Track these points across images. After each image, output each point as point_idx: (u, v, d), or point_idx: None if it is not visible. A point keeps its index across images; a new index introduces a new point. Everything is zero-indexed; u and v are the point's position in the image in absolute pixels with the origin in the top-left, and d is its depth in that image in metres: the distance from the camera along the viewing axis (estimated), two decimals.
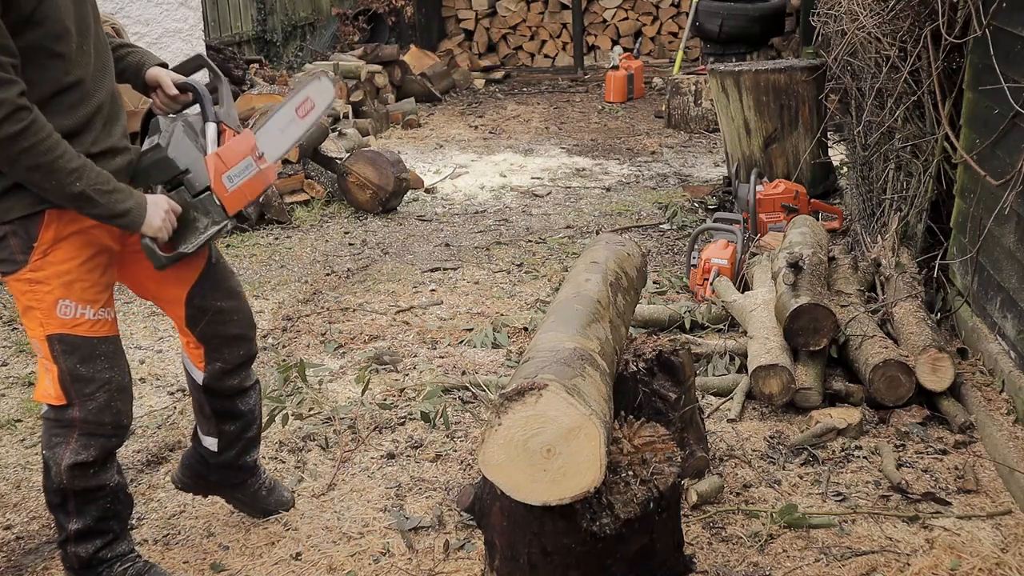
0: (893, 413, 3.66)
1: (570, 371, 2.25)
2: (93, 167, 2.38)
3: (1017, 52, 3.70)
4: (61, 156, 2.31)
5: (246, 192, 2.68)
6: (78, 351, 2.54)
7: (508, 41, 12.37)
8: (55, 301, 2.49)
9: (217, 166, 2.59)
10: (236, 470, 3.10)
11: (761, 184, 5.80)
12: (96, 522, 2.71)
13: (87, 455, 2.60)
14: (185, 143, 2.59)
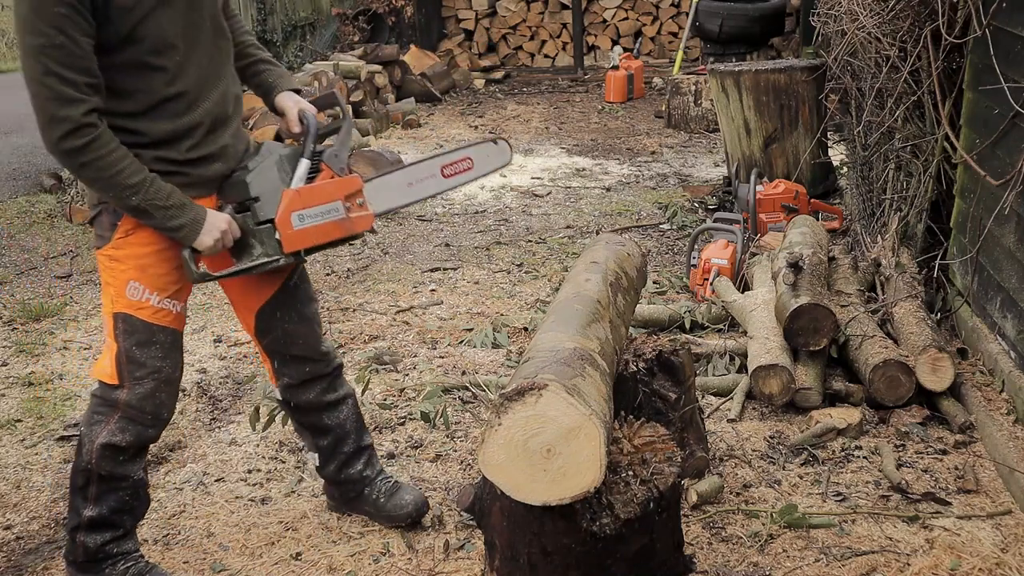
0: (893, 413, 3.66)
1: (570, 371, 2.25)
2: (153, 183, 2.44)
3: (1017, 52, 3.70)
4: (120, 172, 2.40)
5: (315, 234, 2.62)
6: (136, 333, 2.61)
7: (508, 41, 12.37)
8: (127, 281, 2.58)
9: (291, 202, 2.58)
10: (343, 484, 3.11)
11: (761, 184, 5.79)
12: (111, 513, 2.75)
13: (121, 439, 2.66)
14: (269, 172, 2.59)
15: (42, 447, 3.79)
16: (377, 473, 3.15)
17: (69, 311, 5.18)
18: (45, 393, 4.24)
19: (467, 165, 2.86)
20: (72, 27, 2.28)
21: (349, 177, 2.66)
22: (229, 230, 2.57)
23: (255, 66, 2.82)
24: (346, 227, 2.65)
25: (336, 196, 2.62)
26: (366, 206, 2.69)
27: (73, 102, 2.32)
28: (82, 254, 6.08)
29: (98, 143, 2.36)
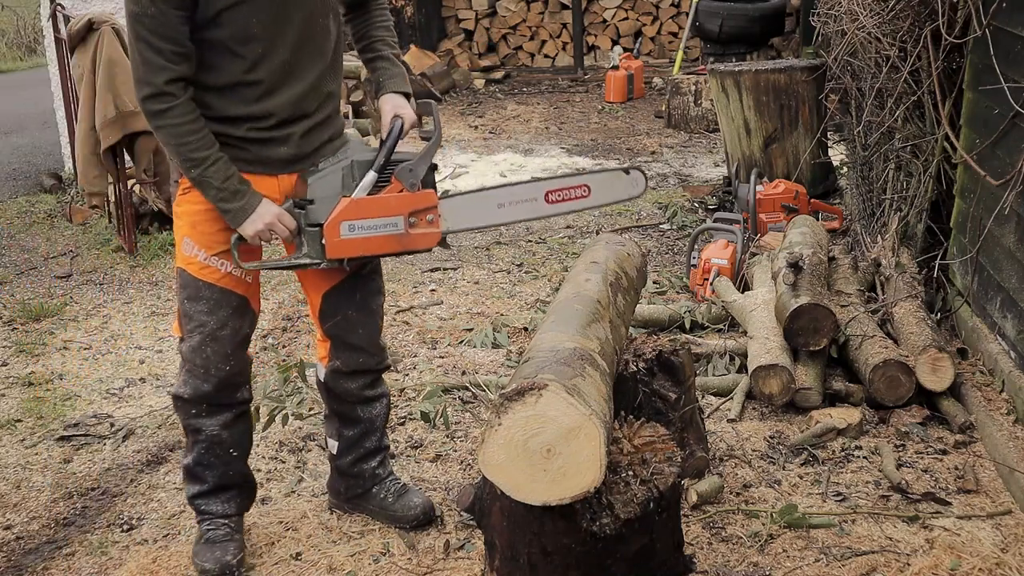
0: (893, 413, 3.66)
1: (570, 371, 2.25)
2: (215, 163, 2.55)
3: (1017, 52, 3.70)
4: (187, 144, 2.53)
5: (362, 246, 2.60)
6: (187, 288, 2.75)
7: (508, 41, 12.36)
8: (183, 237, 2.73)
9: (344, 210, 2.57)
10: (354, 477, 3.13)
11: (761, 184, 5.79)
12: (194, 464, 2.91)
13: (184, 391, 2.82)
14: (332, 177, 2.59)
15: (42, 447, 3.79)
16: (388, 474, 3.17)
17: (69, 311, 5.18)
18: (45, 393, 4.24)
19: (580, 193, 2.65)
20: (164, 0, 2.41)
21: (420, 192, 2.59)
22: (278, 223, 2.63)
23: (373, 62, 2.85)
24: (403, 242, 2.61)
25: (398, 211, 2.57)
26: (436, 222, 2.61)
27: (158, 69, 2.46)
28: (82, 254, 6.09)
29: (173, 111, 2.50)
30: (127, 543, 3.15)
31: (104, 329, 4.95)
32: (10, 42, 15.74)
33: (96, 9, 6.48)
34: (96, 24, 5.72)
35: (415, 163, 2.59)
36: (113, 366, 4.51)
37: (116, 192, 5.96)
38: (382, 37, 2.85)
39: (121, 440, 3.80)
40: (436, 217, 2.61)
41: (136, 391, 4.26)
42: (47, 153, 8.68)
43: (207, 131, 2.56)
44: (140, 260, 5.87)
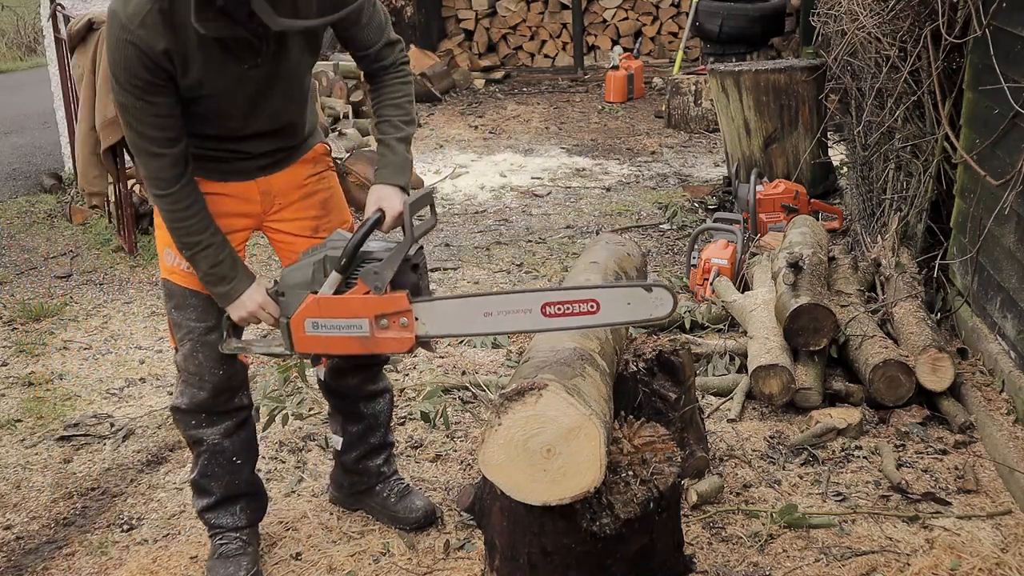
0: (893, 413, 3.66)
1: (570, 371, 2.25)
2: (205, 248, 2.57)
3: (1017, 52, 3.70)
4: (180, 229, 2.56)
5: (327, 344, 2.55)
6: (174, 297, 2.75)
7: (508, 41, 12.36)
8: (164, 248, 2.71)
9: (306, 308, 2.53)
10: (359, 474, 3.13)
11: (761, 184, 5.79)
12: (200, 477, 2.90)
13: (181, 401, 2.82)
14: (303, 271, 2.55)
15: (42, 447, 3.79)
16: (392, 472, 3.17)
17: (69, 311, 5.18)
18: (45, 393, 4.24)
19: (586, 309, 2.33)
20: (150, 92, 2.40)
21: (387, 296, 2.45)
22: (261, 312, 2.65)
23: (378, 146, 2.76)
24: (367, 346, 2.51)
25: (362, 313, 2.47)
26: (411, 326, 2.46)
27: (152, 156, 2.48)
28: (82, 254, 6.08)
29: (169, 198, 2.53)
30: (127, 543, 3.15)
31: (104, 329, 4.95)
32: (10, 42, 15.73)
33: (96, 9, 6.47)
34: (96, 24, 5.71)
35: (382, 265, 2.46)
36: (113, 366, 4.51)
37: (116, 192, 5.96)
38: (389, 118, 2.74)
39: (121, 440, 3.80)
40: (411, 321, 2.46)
41: (136, 391, 4.26)
42: (47, 153, 8.68)
43: (201, 215, 2.57)
44: (140, 260, 5.87)
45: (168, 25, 2.33)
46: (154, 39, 2.33)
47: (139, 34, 2.32)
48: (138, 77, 2.36)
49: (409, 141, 2.75)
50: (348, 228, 2.90)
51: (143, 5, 2.33)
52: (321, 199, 2.85)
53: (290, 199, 2.80)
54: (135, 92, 2.39)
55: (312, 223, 2.83)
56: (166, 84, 2.40)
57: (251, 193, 2.73)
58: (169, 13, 2.32)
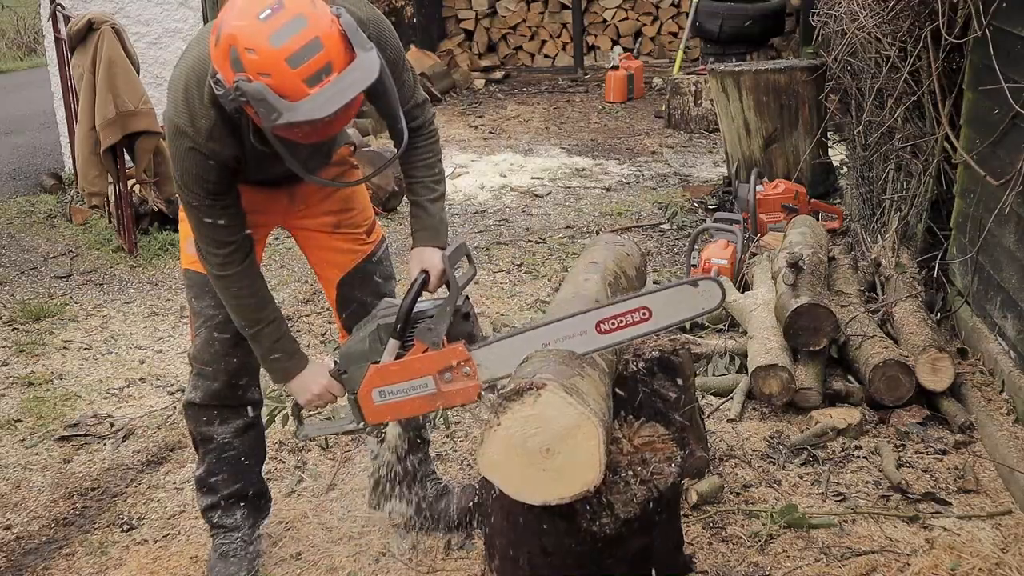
0: (893, 413, 3.66)
1: (568, 371, 2.25)
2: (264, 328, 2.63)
3: (1017, 52, 3.70)
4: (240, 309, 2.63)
5: (398, 409, 2.57)
6: (194, 286, 2.79)
7: (508, 41, 12.36)
8: (186, 238, 2.74)
9: (370, 378, 2.55)
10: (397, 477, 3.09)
11: (761, 184, 5.79)
12: (206, 475, 2.91)
13: (194, 395, 2.84)
14: (359, 345, 2.59)
15: (42, 447, 3.79)
16: (430, 472, 3.16)
17: (69, 311, 5.18)
18: (45, 393, 4.24)
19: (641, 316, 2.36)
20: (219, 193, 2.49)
21: (446, 350, 2.49)
22: (326, 394, 2.68)
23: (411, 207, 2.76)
24: (437, 402, 2.53)
25: (425, 372, 2.50)
26: (474, 374, 2.49)
27: (220, 243, 2.55)
28: (82, 254, 6.08)
29: (231, 279, 2.59)
30: (127, 543, 3.15)
31: (104, 329, 4.95)
32: (10, 42, 15.72)
33: (96, 9, 6.47)
34: (96, 24, 5.71)
35: (435, 321, 2.50)
36: (113, 366, 4.51)
37: (116, 192, 5.96)
38: (421, 179, 2.74)
39: (121, 440, 3.80)
40: (473, 368, 2.50)
41: (136, 391, 4.26)
42: (47, 153, 8.68)
43: (261, 293, 2.64)
44: (140, 260, 5.87)
45: (232, 134, 2.42)
46: (223, 148, 2.43)
47: (209, 146, 2.41)
48: (208, 181, 2.46)
49: (443, 200, 2.77)
50: (371, 223, 2.95)
51: (208, 118, 2.39)
52: (343, 196, 2.88)
53: (314, 198, 2.84)
54: (205, 195, 2.49)
55: (334, 218, 2.87)
56: (232, 182, 2.50)
57: (277, 196, 2.78)
58: (230, 121, 2.39)
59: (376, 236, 2.96)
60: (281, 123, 2.15)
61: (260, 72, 2.12)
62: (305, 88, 2.13)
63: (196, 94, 2.38)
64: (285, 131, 2.20)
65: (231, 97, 2.18)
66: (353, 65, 2.18)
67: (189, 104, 2.39)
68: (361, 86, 2.18)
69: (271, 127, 2.17)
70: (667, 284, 2.46)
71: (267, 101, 2.12)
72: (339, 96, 2.15)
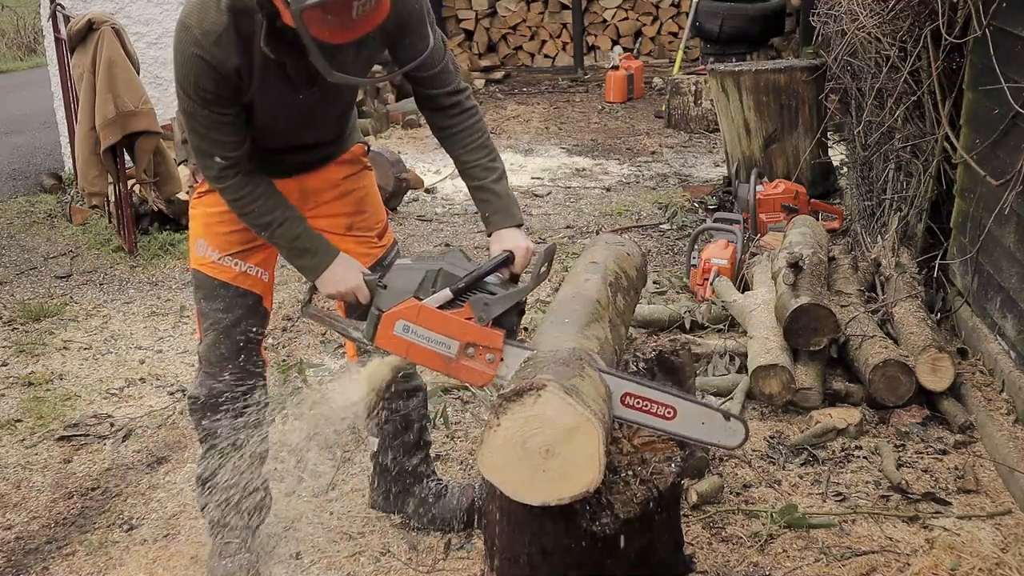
0: (893, 413, 3.66)
1: (569, 371, 2.24)
2: (281, 225, 2.60)
3: (1017, 52, 3.70)
4: (251, 212, 2.60)
5: (409, 350, 2.50)
6: (202, 288, 2.80)
7: (508, 41, 12.36)
8: (196, 239, 2.79)
9: (404, 309, 2.47)
10: (395, 474, 3.11)
11: (761, 184, 5.79)
12: (206, 470, 2.91)
13: (199, 392, 2.86)
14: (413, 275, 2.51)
15: (42, 447, 3.79)
16: (430, 473, 3.16)
17: (69, 311, 5.18)
18: (45, 393, 4.24)
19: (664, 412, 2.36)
20: (216, 104, 2.46)
21: (487, 330, 2.44)
22: (352, 296, 2.64)
23: (475, 192, 2.73)
24: (448, 367, 2.48)
25: (456, 335, 2.45)
26: (495, 364, 2.44)
27: (212, 155, 2.54)
28: (82, 254, 6.09)
29: (232, 187, 2.57)
30: (127, 543, 3.16)
31: (104, 329, 4.95)
32: (10, 42, 15.72)
33: (96, 9, 6.47)
34: (96, 24, 5.71)
35: (495, 300, 2.45)
36: (113, 366, 4.51)
37: (116, 192, 5.96)
38: (476, 163, 2.70)
39: (121, 440, 3.81)
40: (497, 359, 2.45)
41: (136, 391, 4.26)
42: (47, 153, 8.68)
43: (267, 196, 2.60)
44: (140, 260, 5.87)
45: (241, 44, 2.38)
46: (227, 56, 2.39)
47: (212, 51, 2.38)
48: (206, 90, 2.42)
49: (505, 178, 2.72)
50: (383, 226, 2.94)
51: (219, 23, 2.37)
52: (356, 198, 2.88)
53: (325, 197, 2.84)
54: (201, 102, 2.45)
55: (346, 220, 2.86)
56: (232, 96, 2.46)
57: (288, 189, 2.76)
58: (242, 31, 2.37)
59: (388, 240, 2.95)
60: (311, 2, 2.13)
61: None
62: None
63: None
64: (315, 20, 2.17)
65: None
66: None
67: (204, 7, 2.38)
68: None
69: (301, 8, 2.14)
70: (703, 401, 2.46)
71: None
72: None
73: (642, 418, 2.37)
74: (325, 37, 2.22)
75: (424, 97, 2.69)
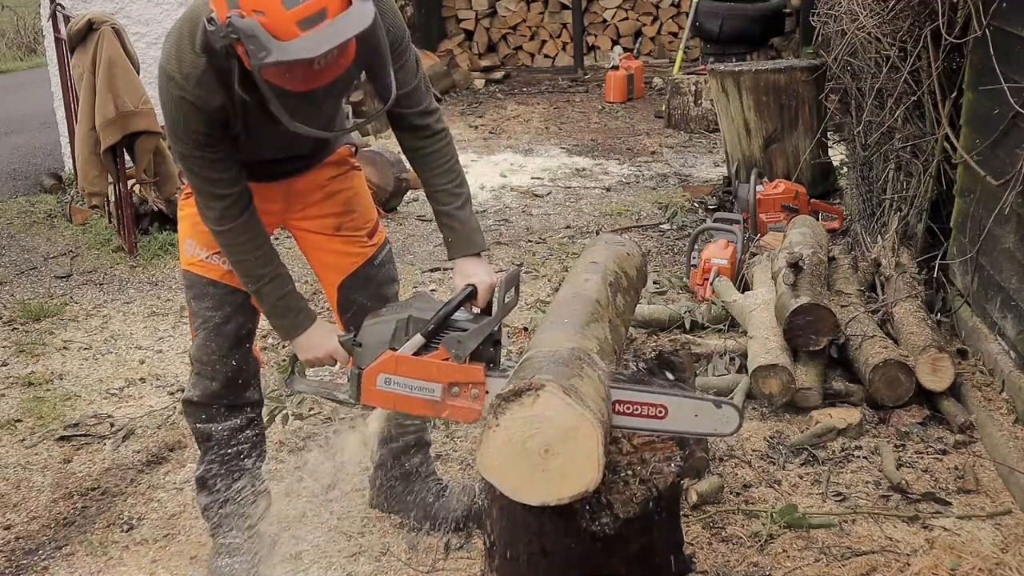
0: (893, 413, 3.66)
1: (568, 371, 2.24)
2: (270, 282, 2.62)
3: (1017, 52, 3.70)
4: (243, 262, 2.61)
5: (395, 401, 2.53)
6: (193, 287, 2.80)
7: (508, 41, 12.36)
8: (185, 238, 2.78)
9: (382, 363, 2.50)
10: (395, 475, 3.11)
11: (761, 184, 5.79)
12: (206, 473, 2.90)
13: (192, 393, 2.85)
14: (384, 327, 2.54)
15: (42, 447, 3.79)
16: (429, 473, 3.16)
17: (69, 311, 5.18)
18: (45, 393, 4.24)
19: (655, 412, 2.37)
20: (208, 145, 2.47)
21: (466, 366, 2.48)
22: (329, 360, 2.66)
23: (439, 217, 2.77)
24: (435, 410, 2.52)
25: (437, 378, 2.48)
26: (481, 399, 2.48)
27: (215, 196, 2.55)
28: (82, 254, 6.08)
29: (230, 234, 2.58)
30: (127, 543, 3.16)
31: (104, 329, 4.95)
32: (10, 42, 15.72)
33: (96, 9, 6.47)
34: (96, 24, 5.71)
35: (467, 336, 2.49)
36: (113, 366, 4.51)
37: (116, 192, 5.97)
38: (443, 187, 2.76)
39: (121, 440, 3.80)
40: (482, 393, 2.48)
41: (136, 391, 4.26)
42: (47, 153, 8.68)
43: (265, 249, 2.62)
44: (140, 260, 5.87)
45: (221, 82, 2.38)
46: (210, 97, 2.40)
47: (196, 93, 2.39)
48: (197, 131, 2.44)
49: (469, 204, 2.77)
50: (374, 225, 2.93)
51: (197, 65, 2.37)
52: (344, 198, 2.88)
53: (313, 199, 2.84)
54: (194, 145, 2.46)
55: (335, 221, 2.86)
56: (222, 134, 2.47)
57: (274, 193, 2.77)
58: (220, 70, 2.36)
59: (379, 239, 2.95)
60: (269, 62, 2.13)
61: (254, 9, 2.12)
62: (297, 30, 2.12)
63: (188, 42, 2.39)
64: (274, 74, 2.18)
65: (222, 34, 2.16)
66: (347, 11, 2.17)
67: (180, 52, 2.40)
68: (353, 30, 2.17)
69: (259, 66, 2.15)
70: (693, 394, 2.46)
71: (257, 38, 2.11)
72: (330, 38, 2.14)
73: (635, 423, 2.37)
74: (288, 86, 2.23)
75: (395, 116, 2.70)
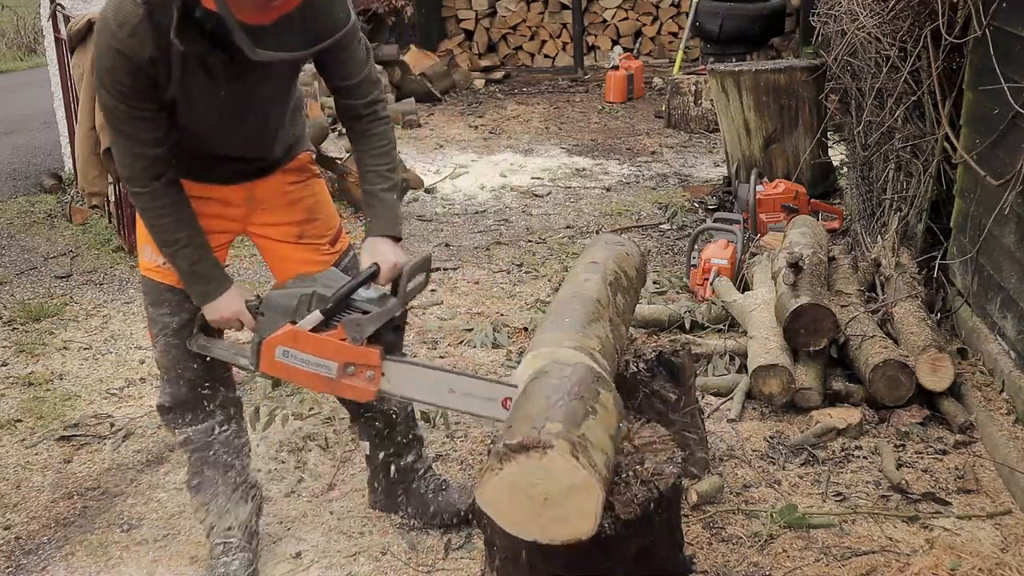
0: (893, 413, 3.66)
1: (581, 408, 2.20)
2: (184, 247, 2.60)
3: (1017, 52, 3.70)
4: (157, 227, 2.60)
5: (291, 374, 2.58)
6: (150, 294, 2.79)
7: (508, 41, 12.36)
8: (143, 244, 2.77)
9: (283, 336, 2.54)
10: (391, 474, 3.10)
11: (761, 184, 5.79)
12: (192, 477, 2.92)
13: (163, 399, 2.86)
14: (288, 300, 2.57)
15: (42, 447, 3.79)
16: (426, 469, 3.15)
17: (69, 311, 5.18)
18: (45, 393, 4.24)
19: None
20: (133, 98, 2.43)
21: (362, 348, 2.50)
22: (235, 321, 2.67)
23: (365, 197, 2.77)
24: (330, 387, 2.55)
25: (333, 357, 2.52)
26: (376, 381, 2.52)
27: (134, 156, 2.52)
28: (82, 254, 6.09)
29: (146, 196, 2.56)
30: (127, 543, 3.16)
31: (104, 329, 4.95)
32: (10, 42, 15.72)
33: (96, 9, 6.46)
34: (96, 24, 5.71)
35: (367, 319, 2.51)
36: (113, 366, 4.51)
37: (116, 192, 5.96)
38: (375, 168, 2.74)
39: (121, 440, 3.81)
40: (377, 376, 2.51)
41: (136, 391, 4.26)
42: (47, 153, 8.68)
43: (180, 214, 2.59)
44: None
45: (156, 35, 2.36)
46: (141, 47, 2.37)
47: (128, 42, 2.37)
48: (122, 83, 2.41)
49: (397, 189, 2.76)
50: (336, 232, 2.92)
51: (133, 14, 2.36)
52: (306, 205, 2.86)
53: (274, 204, 2.82)
54: (118, 96, 2.43)
55: (296, 228, 2.84)
56: (149, 91, 2.44)
57: (234, 197, 2.76)
58: (158, 24, 2.35)
59: (341, 246, 2.93)
60: None
61: None
62: None
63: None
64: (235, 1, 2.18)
65: None
66: None
67: (121, 1, 2.38)
68: None
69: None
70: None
71: None
72: None
73: None
74: (246, 18, 2.22)
75: (344, 107, 2.72)
